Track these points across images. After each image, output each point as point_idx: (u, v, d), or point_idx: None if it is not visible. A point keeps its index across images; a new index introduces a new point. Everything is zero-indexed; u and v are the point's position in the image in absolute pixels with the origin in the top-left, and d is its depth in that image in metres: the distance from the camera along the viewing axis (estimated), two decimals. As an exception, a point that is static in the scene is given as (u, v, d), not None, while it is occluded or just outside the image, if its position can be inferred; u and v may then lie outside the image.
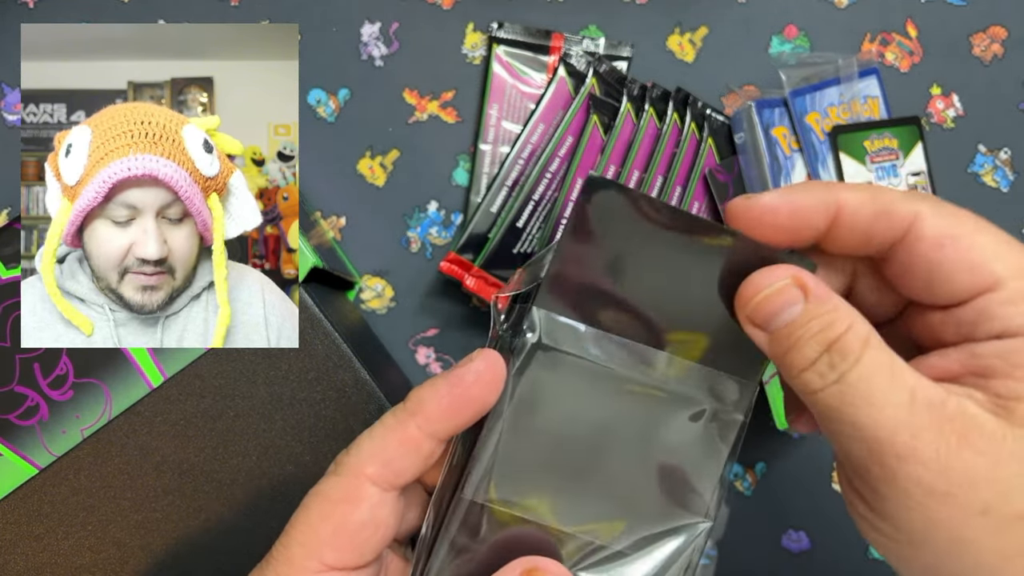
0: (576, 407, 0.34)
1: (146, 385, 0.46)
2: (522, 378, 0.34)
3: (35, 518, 0.46)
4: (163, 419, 0.46)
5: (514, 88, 0.59)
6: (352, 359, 0.47)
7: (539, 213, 0.56)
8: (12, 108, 0.59)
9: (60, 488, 0.46)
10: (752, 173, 0.56)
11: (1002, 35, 0.61)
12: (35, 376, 0.46)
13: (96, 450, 0.46)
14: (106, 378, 0.46)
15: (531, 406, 0.34)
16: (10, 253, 0.47)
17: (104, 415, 0.46)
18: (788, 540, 0.61)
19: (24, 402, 0.46)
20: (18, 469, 0.46)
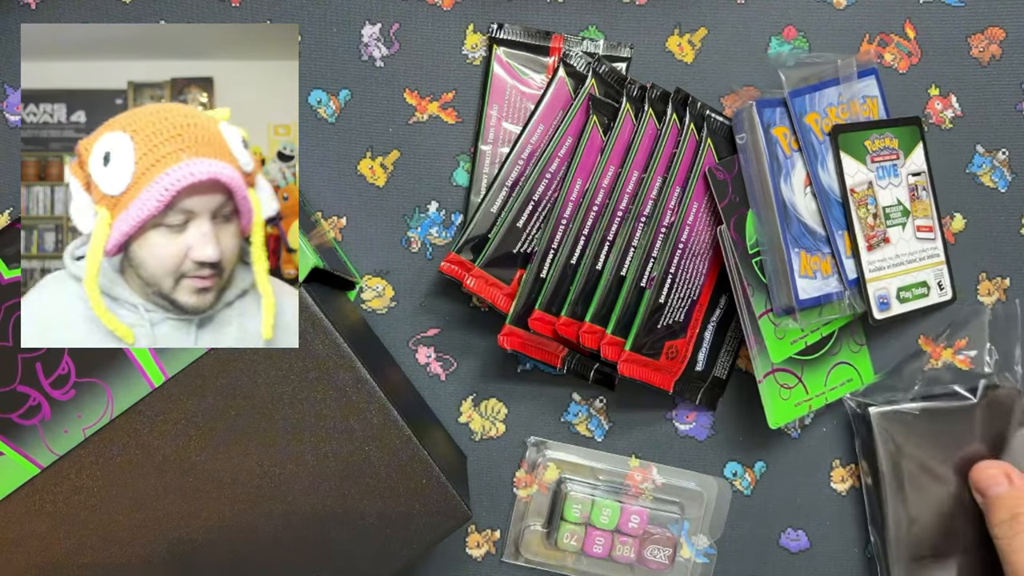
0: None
1: (148, 384, 0.46)
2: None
3: (37, 517, 0.46)
4: (164, 418, 0.46)
5: (514, 89, 0.59)
6: (353, 359, 0.47)
7: (539, 213, 0.56)
8: (14, 109, 0.59)
9: (62, 487, 0.46)
10: (752, 172, 0.56)
11: (1000, 36, 0.61)
12: (37, 375, 0.46)
13: (98, 449, 0.46)
14: (108, 377, 0.46)
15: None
16: (11, 253, 0.47)
17: (106, 414, 0.46)
18: (787, 539, 0.61)
19: (26, 401, 0.46)
20: (20, 468, 0.46)
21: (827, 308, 0.56)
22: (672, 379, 0.58)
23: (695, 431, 0.61)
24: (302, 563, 0.47)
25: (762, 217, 0.56)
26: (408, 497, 0.48)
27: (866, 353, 0.61)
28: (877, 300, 0.57)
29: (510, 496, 0.60)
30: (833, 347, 0.59)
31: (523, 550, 0.60)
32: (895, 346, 0.61)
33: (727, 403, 0.61)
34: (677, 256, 0.57)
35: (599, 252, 0.56)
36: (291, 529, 0.47)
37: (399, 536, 0.48)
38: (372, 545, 0.47)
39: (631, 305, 0.56)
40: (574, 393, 0.60)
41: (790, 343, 0.57)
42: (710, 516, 0.60)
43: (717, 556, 0.61)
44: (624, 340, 0.56)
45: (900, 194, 0.58)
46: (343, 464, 0.47)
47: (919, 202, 0.58)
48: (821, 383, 0.59)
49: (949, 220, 0.61)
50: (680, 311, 0.57)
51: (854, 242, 0.56)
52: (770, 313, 0.56)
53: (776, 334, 0.56)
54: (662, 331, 0.57)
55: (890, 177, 0.57)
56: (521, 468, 0.60)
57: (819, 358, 0.59)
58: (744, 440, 0.61)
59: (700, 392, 0.59)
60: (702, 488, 0.60)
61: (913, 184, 0.58)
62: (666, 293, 0.57)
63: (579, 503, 0.59)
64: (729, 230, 0.56)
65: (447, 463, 0.51)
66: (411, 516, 0.48)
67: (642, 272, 0.56)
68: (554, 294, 0.56)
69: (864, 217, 0.56)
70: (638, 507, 0.59)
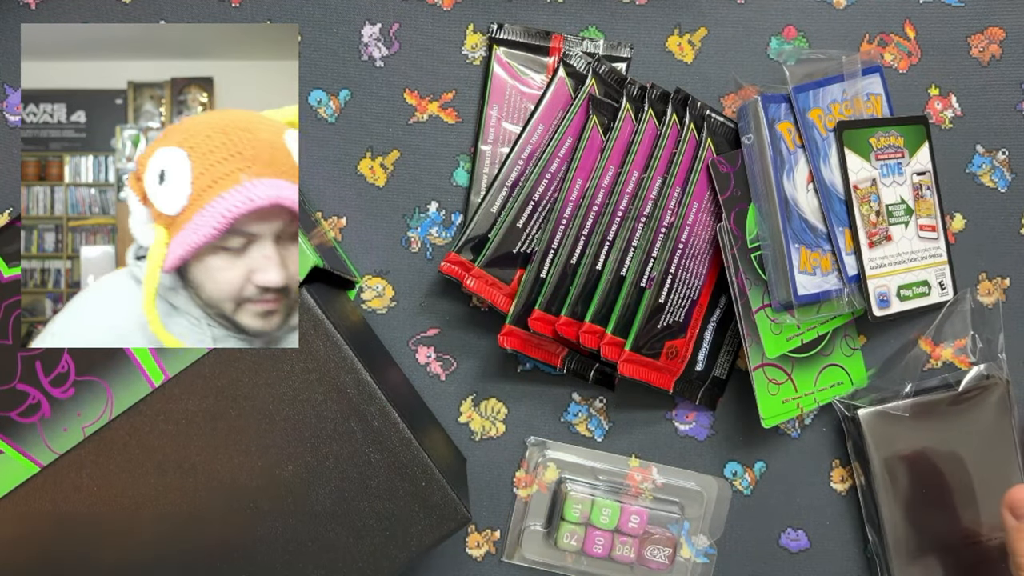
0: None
1: (148, 384, 0.46)
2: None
3: (36, 515, 0.46)
4: (165, 418, 0.46)
5: (514, 89, 0.59)
6: (354, 360, 0.47)
7: (539, 213, 0.56)
8: (14, 109, 0.59)
9: (61, 486, 0.46)
10: (755, 167, 0.56)
11: (1000, 36, 0.61)
12: (37, 374, 0.46)
13: (98, 448, 0.46)
14: (107, 376, 0.46)
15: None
16: (11, 252, 0.47)
17: (106, 413, 0.46)
18: (787, 539, 0.61)
19: (26, 400, 0.46)
20: (20, 466, 0.46)
21: (825, 305, 0.56)
22: (672, 379, 0.58)
23: (695, 431, 0.61)
24: (301, 564, 0.47)
25: (763, 212, 0.56)
26: (407, 499, 0.48)
27: (860, 357, 0.61)
28: (877, 297, 0.57)
29: (510, 496, 0.60)
30: (826, 348, 0.59)
31: (523, 550, 0.60)
32: (893, 346, 0.61)
33: (727, 403, 0.61)
34: (677, 256, 0.57)
35: (599, 252, 0.56)
36: (290, 529, 0.47)
37: (398, 538, 0.47)
38: (371, 546, 0.47)
39: (631, 305, 0.56)
40: (574, 393, 0.60)
41: (786, 339, 0.57)
42: (710, 516, 0.60)
43: (717, 556, 0.60)
44: (624, 340, 0.56)
45: (904, 192, 0.58)
46: (343, 465, 0.47)
47: (923, 201, 0.58)
48: (811, 383, 0.59)
49: (949, 220, 0.61)
50: (680, 311, 0.57)
51: (855, 239, 0.56)
52: (767, 308, 0.56)
53: (772, 329, 0.56)
54: (662, 331, 0.57)
55: (894, 175, 0.57)
56: (521, 468, 0.60)
57: (811, 357, 0.59)
58: (744, 440, 0.61)
59: (700, 392, 0.59)
60: (702, 488, 0.60)
61: (917, 183, 0.58)
62: (666, 293, 0.56)
63: (579, 503, 0.59)
64: (729, 224, 0.56)
65: (447, 465, 0.51)
66: (410, 518, 0.48)
67: (642, 272, 0.56)
68: (554, 294, 0.56)
69: (867, 214, 0.56)
70: (638, 507, 0.59)
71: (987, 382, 0.59)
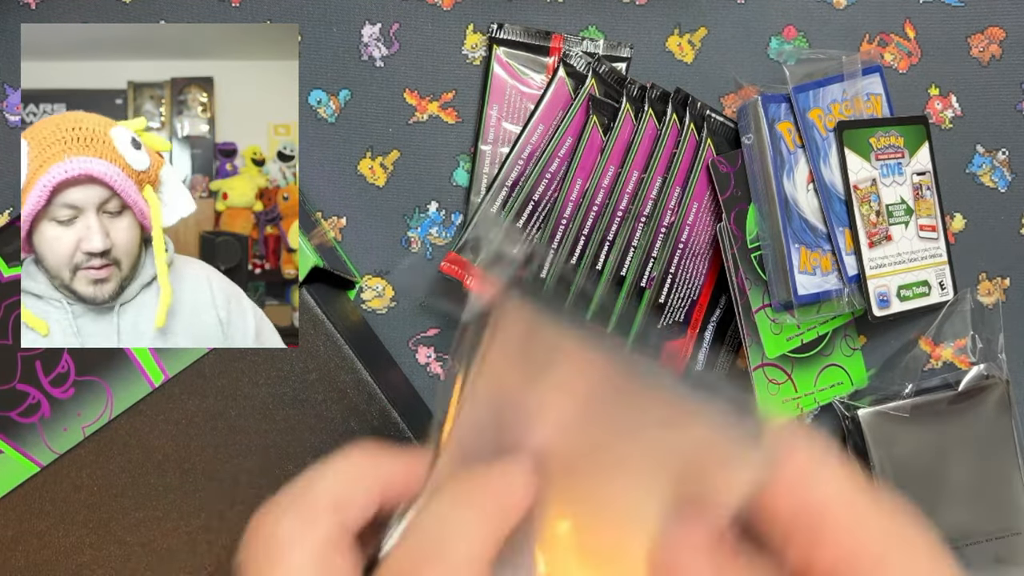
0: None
1: (148, 384, 0.46)
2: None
3: (36, 515, 0.46)
4: (165, 418, 0.46)
5: (514, 89, 0.59)
6: (354, 361, 0.47)
7: (539, 213, 0.56)
8: (14, 109, 0.59)
9: (61, 485, 0.46)
10: (755, 166, 0.56)
11: (1000, 36, 0.61)
12: (36, 374, 0.46)
13: (97, 448, 0.46)
14: (107, 376, 0.46)
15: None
16: (11, 251, 0.47)
17: (105, 413, 0.46)
18: (788, 540, 0.61)
19: (25, 400, 0.46)
20: (19, 466, 0.46)
21: (825, 305, 0.56)
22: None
23: (695, 431, 0.61)
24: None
25: (763, 212, 0.56)
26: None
27: (860, 357, 0.61)
28: (877, 297, 0.57)
29: (510, 496, 0.60)
30: (826, 348, 0.59)
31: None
32: (893, 346, 0.61)
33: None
34: (677, 256, 0.57)
35: (599, 252, 0.56)
36: (291, 529, 0.47)
37: (399, 536, 0.47)
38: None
39: (631, 305, 0.56)
40: (574, 393, 0.60)
41: (786, 339, 0.57)
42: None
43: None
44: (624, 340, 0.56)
45: (904, 192, 0.58)
46: (343, 464, 0.47)
47: (923, 201, 0.58)
48: (811, 383, 0.59)
49: (949, 220, 0.61)
50: (680, 311, 0.57)
51: (855, 239, 0.56)
52: (767, 308, 0.56)
53: (772, 329, 0.56)
54: (662, 331, 0.57)
55: (894, 175, 0.57)
56: (521, 468, 0.60)
57: (811, 358, 0.59)
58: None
59: (700, 392, 0.59)
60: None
61: (918, 183, 0.58)
62: (666, 293, 0.56)
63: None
64: (729, 224, 0.56)
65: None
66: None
67: (642, 272, 0.56)
68: (554, 294, 0.56)
69: (867, 214, 0.56)
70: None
71: (987, 382, 0.59)
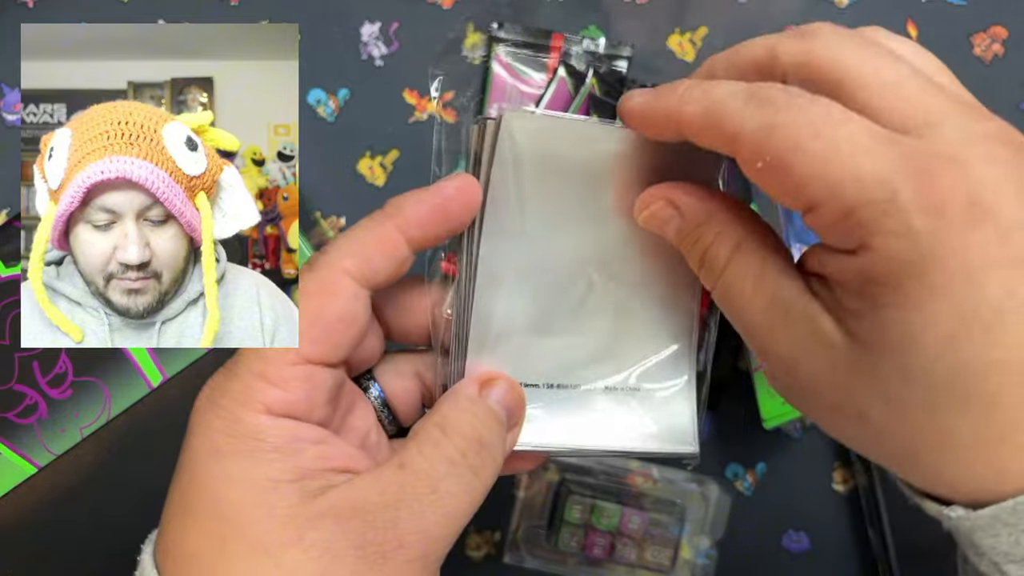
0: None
1: (146, 385, 0.46)
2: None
3: (34, 516, 0.46)
4: (163, 418, 0.46)
5: (514, 88, 0.59)
6: (352, 359, 0.47)
7: (539, 213, 0.56)
8: (12, 108, 0.59)
9: (59, 487, 0.46)
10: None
11: (1003, 35, 0.61)
12: (34, 374, 0.46)
13: (96, 449, 0.46)
14: (105, 377, 0.46)
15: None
16: (10, 251, 0.47)
17: (103, 414, 0.46)
18: (789, 540, 0.61)
19: (23, 400, 0.46)
20: (17, 468, 0.46)
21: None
22: (673, 379, 0.58)
23: (696, 432, 0.61)
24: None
25: (764, 211, 0.55)
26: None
27: (865, 355, 0.60)
28: (879, 300, 0.56)
29: (510, 497, 0.60)
30: (830, 348, 0.59)
31: (523, 551, 0.60)
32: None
33: (727, 403, 0.61)
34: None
35: (599, 252, 0.56)
36: (290, 530, 0.47)
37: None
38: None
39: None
40: (575, 394, 0.60)
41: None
42: (711, 517, 0.60)
43: (718, 558, 0.60)
44: (625, 340, 0.56)
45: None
46: (342, 464, 0.47)
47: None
48: (816, 383, 0.59)
49: (951, 220, 0.61)
50: (681, 311, 0.57)
51: (855, 241, 0.56)
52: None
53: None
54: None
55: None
56: (521, 469, 0.60)
57: (817, 358, 0.58)
58: (745, 441, 0.61)
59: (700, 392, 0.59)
60: (703, 490, 0.60)
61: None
62: (667, 293, 0.56)
63: (579, 504, 0.59)
64: (730, 229, 0.55)
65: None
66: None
67: (643, 272, 0.56)
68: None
69: (866, 216, 0.56)
70: (639, 509, 0.59)
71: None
